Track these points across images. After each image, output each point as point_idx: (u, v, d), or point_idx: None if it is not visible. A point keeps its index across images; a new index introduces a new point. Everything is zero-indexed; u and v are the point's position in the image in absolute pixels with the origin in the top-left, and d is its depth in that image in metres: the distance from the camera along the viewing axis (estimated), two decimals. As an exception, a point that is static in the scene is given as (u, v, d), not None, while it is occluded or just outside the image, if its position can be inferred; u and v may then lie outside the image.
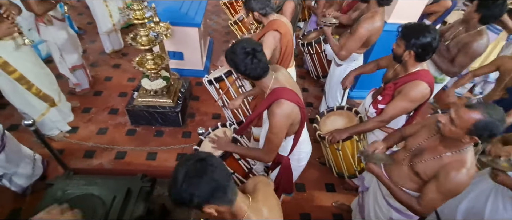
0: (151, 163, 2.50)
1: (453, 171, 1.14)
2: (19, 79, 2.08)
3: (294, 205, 2.29)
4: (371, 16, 2.01)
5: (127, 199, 1.59)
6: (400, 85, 1.62)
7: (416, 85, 1.56)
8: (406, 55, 1.52)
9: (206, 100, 3.14)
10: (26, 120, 1.61)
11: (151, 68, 2.45)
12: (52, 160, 2.17)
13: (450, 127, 1.13)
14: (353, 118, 2.01)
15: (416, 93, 1.56)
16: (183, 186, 0.81)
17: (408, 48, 1.49)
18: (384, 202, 1.52)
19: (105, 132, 2.73)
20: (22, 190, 2.08)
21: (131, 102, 2.69)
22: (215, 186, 0.83)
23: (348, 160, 2.00)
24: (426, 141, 1.31)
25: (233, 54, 1.29)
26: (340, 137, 1.81)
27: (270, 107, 1.36)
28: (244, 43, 1.28)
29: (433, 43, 1.43)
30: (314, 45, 2.85)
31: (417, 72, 1.57)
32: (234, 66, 1.32)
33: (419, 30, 1.44)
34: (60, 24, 2.54)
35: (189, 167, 0.83)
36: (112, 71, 3.45)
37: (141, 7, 2.11)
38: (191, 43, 3.16)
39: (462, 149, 1.17)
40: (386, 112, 1.69)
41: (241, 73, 1.33)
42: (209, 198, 0.84)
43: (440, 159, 1.21)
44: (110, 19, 3.33)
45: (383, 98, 1.72)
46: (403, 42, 1.50)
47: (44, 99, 2.30)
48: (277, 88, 1.36)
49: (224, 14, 4.84)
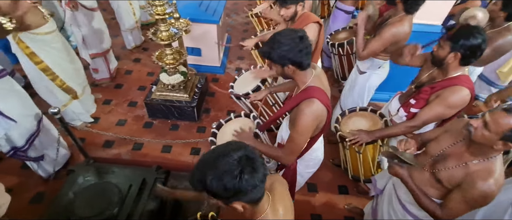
0: (166, 155, 2.57)
1: (480, 180, 1.08)
2: (44, 70, 2.19)
3: (306, 205, 2.27)
4: (399, 21, 1.90)
5: (142, 189, 1.64)
6: (438, 90, 1.52)
7: (457, 91, 1.46)
8: (450, 58, 1.43)
9: (221, 96, 3.17)
10: (52, 108, 1.70)
11: (170, 63, 2.50)
12: (74, 148, 2.29)
13: (483, 131, 1.06)
14: (377, 121, 1.91)
15: (456, 99, 1.47)
16: (234, 179, 0.77)
17: (454, 50, 1.40)
18: (400, 207, 1.47)
19: (124, 123, 2.83)
20: (47, 175, 2.20)
21: (150, 95, 2.76)
22: (255, 184, 0.81)
23: (367, 164, 1.94)
24: (450, 147, 1.24)
25: (283, 45, 1.18)
26: (365, 139, 1.73)
27: (300, 105, 1.30)
28: (288, 31, 1.20)
29: (482, 46, 1.35)
30: (346, 46, 2.70)
31: (458, 77, 1.48)
32: (280, 56, 1.21)
33: (470, 31, 1.36)
34: (87, 13, 2.65)
35: (243, 162, 0.79)
36: (132, 65, 3.57)
37: (162, 3, 2.16)
38: (209, 39, 3.19)
39: (491, 157, 1.10)
40: (419, 116, 1.59)
41: (291, 62, 1.22)
42: (246, 194, 0.82)
43: (466, 167, 1.14)
44: (134, 17, 3.47)
45: (416, 102, 1.62)
46: (449, 44, 1.41)
47: (67, 91, 2.41)
48: (312, 87, 1.30)
49: (243, 12, 4.86)
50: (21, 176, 2.29)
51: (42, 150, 2.08)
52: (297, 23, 1.96)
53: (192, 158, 2.56)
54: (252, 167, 0.79)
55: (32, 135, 1.94)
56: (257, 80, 2.10)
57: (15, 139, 1.87)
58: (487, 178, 1.08)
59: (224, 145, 0.85)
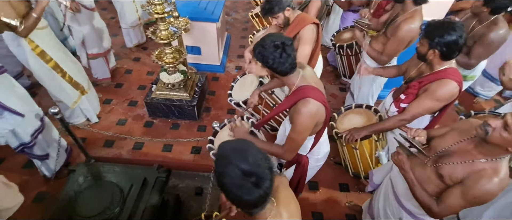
0: (167, 154, 2.57)
1: (484, 178, 1.08)
2: (55, 67, 2.20)
3: (307, 203, 2.27)
4: (411, 16, 1.88)
5: (143, 188, 1.64)
6: (426, 84, 1.55)
7: (444, 84, 1.48)
8: (430, 54, 1.46)
9: (221, 95, 3.17)
10: (52, 108, 1.70)
11: (170, 62, 2.50)
12: (75, 147, 2.29)
13: (501, 132, 1.03)
14: (372, 117, 1.95)
15: (443, 92, 1.49)
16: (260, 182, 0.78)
17: (432, 47, 1.43)
18: (395, 202, 1.47)
19: (125, 122, 2.83)
20: (51, 173, 2.21)
21: (150, 95, 2.76)
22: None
23: (365, 159, 1.95)
24: (456, 144, 1.23)
25: (262, 47, 1.26)
26: (358, 135, 1.76)
27: (296, 105, 1.33)
28: (274, 37, 1.26)
29: (459, 41, 1.35)
30: (355, 47, 2.73)
31: (445, 71, 1.50)
32: (261, 59, 1.29)
33: (444, 28, 1.37)
34: (89, 13, 2.65)
35: (270, 162, 0.82)
36: (132, 65, 3.56)
37: (161, 2, 2.16)
38: (208, 38, 3.19)
39: (499, 157, 1.09)
40: (408, 110, 1.63)
41: (269, 67, 1.30)
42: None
43: (472, 164, 1.13)
44: (136, 13, 3.49)
45: (406, 97, 1.66)
46: (427, 41, 1.43)
47: (76, 86, 2.42)
48: (304, 86, 1.33)
49: (242, 11, 4.85)
50: (23, 175, 2.30)
51: (46, 147, 2.08)
52: (293, 27, 1.95)
53: (193, 156, 2.56)
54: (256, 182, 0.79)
55: (37, 130, 1.96)
56: (254, 83, 2.11)
57: (22, 135, 1.88)
58: (492, 177, 1.07)
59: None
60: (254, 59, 1.36)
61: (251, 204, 0.83)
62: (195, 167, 2.44)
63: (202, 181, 2.32)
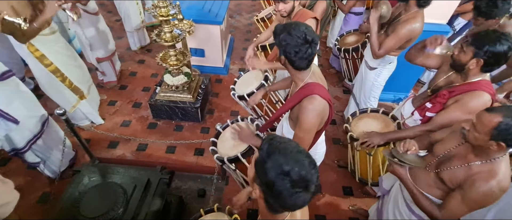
0: (170, 156, 2.58)
1: (480, 181, 1.07)
2: (54, 72, 2.22)
3: (309, 206, 2.23)
4: (413, 17, 1.88)
5: (146, 189, 1.65)
6: (458, 94, 1.47)
7: (478, 96, 1.41)
8: (472, 63, 1.38)
9: (225, 97, 3.18)
10: (58, 109, 1.72)
11: (174, 64, 2.51)
12: (79, 148, 2.31)
13: (473, 133, 1.06)
14: (390, 123, 1.87)
15: (477, 104, 1.40)
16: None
17: (477, 56, 1.35)
18: (406, 208, 1.46)
19: (129, 124, 2.85)
20: (55, 175, 2.22)
21: (154, 96, 2.78)
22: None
23: (377, 166, 1.91)
24: (455, 148, 1.23)
25: (288, 35, 1.15)
26: (378, 141, 1.70)
27: (301, 102, 1.29)
28: (306, 29, 1.15)
29: (508, 53, 1.29)
30: (352, 53, 2.74)
31: (479, 82, 1.43)
32: (283, 46, 1.18)
33: (496, 37, 1.30)
34: (91, 17, 2.67)
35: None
36: (136, 67, 3.59)
37: (166, 4, 2.18)
38: (212, 40, 3.20)
39: (494, 158, 1.09)
40: (435, 120, 1.56)
41: (287, 57, 1.21)
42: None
43: (469, 168, 1.14)
44: (140, 16, 3.52)
45: (433, 106, 1.59)
46: (472, 49, 1.35)
47: (75, 91, 2.43)
48: (311, 83, 1.29)
49: (246, 13, 4.87)
50: (28, 176, 2.32)
51: (45, 151, 2.08)
52: (294, 20, 1.92)
53: (196, 158, 2.56)
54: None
55: (35, 136, 1.95)
56: (258, 79, 2.09)
57: (16, 141, 1.87)
58: (489, 179, 1.06)
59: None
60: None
61: (294, 208, 0.79)
62: (198, 168, 2.45)
63: (205, 182, 2.32)
